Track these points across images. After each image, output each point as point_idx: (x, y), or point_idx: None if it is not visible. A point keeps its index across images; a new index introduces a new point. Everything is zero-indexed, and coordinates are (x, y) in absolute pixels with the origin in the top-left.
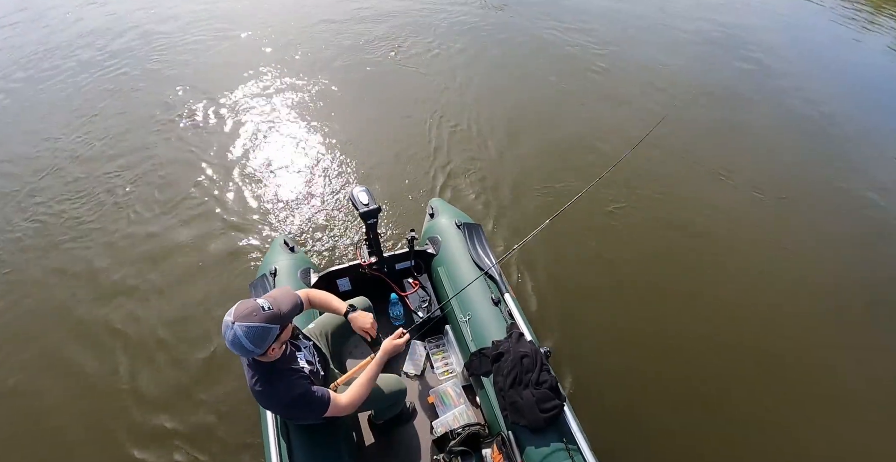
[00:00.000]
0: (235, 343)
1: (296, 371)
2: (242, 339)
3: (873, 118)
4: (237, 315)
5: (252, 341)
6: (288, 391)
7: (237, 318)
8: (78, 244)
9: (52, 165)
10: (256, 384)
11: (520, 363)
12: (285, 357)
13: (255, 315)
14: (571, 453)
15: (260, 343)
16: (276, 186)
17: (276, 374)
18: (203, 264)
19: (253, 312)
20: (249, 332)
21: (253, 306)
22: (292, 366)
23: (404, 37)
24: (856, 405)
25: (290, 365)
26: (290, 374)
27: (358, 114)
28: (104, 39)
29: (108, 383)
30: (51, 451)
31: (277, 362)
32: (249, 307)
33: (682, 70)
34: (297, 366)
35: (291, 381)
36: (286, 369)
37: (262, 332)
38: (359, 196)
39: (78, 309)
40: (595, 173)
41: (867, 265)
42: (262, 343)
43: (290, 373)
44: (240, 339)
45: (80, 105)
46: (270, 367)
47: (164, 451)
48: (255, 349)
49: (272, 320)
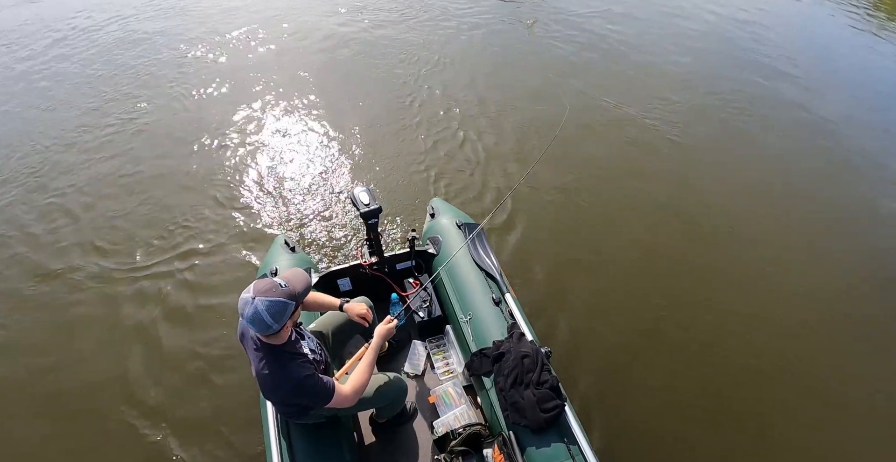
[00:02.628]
0: (256, 318)
1: (302, 355)
2: (264, 313)
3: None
4: (257, 291)
5: (273, 316)
6: (296, 373)
7: (257, 293)
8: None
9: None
10: (264, 367)
11: (521, 363)
12: (291, 341)
13: (275, 290)
14: (572, 453)
15: (279, 318)
16: (277, 186)
17: (284, 357)
18: (203, 263)
19: (272, 288)
20: (271, 307)
21: (271, 283)
22: (299, 351)
23: (415, 41)
24: (853, 403)
25: (296, 349)
26: (298, 358)
27: (358, 113)
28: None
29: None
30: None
31: (285, 346)
32: (268, 283)
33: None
34: (303, 351)
35: (299, 365)
36: (294, 353)
37: (281, 307)
38: (359, 196)
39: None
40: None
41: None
42: (280, 318)
43: (298, 357)
44: (260, 314)
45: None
46: (279, 350)
47: (164, 450)
48: (274, 324)
49: (290, 296)
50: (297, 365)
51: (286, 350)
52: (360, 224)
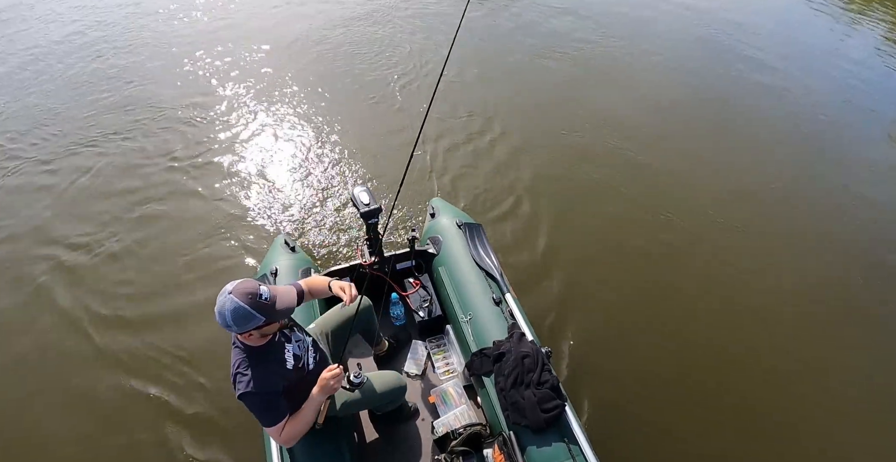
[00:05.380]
0: (220, 312)
1: (278, 363)
2: (227, 312)
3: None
4: (236, 289)
5: (234, 319)
6: (254, 382)
7: (235, 291)
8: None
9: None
10: (234, 363)
11: (521, 363)
12: (272, 347)
13: (251, 298)
14: (573, 453)
15: (240, 323)
16: (277, 186)
17: (254, 360)
18: (202, 264)
19: (250, 294)
20: (236, 311)
21: (253, 289)
22: (276, 358)
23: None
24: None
25: (274, 357)
26: (271, 365)
27: (358, 113)
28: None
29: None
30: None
31: (260, 349)
32: (250, 288)
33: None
34: (282, 358)
35: (267, 377)
36: (269, 361)
37: (246, 315)
38: (360, 196)
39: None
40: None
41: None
42: (241, 324)
43: (271, 365)
44: (225, 311)
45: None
46: (252, 351)
47: (164, 449)
48: (233, 327)
49: (261, 310)
50: (260, 373)
51: (261, 354)
52: (360, 223)
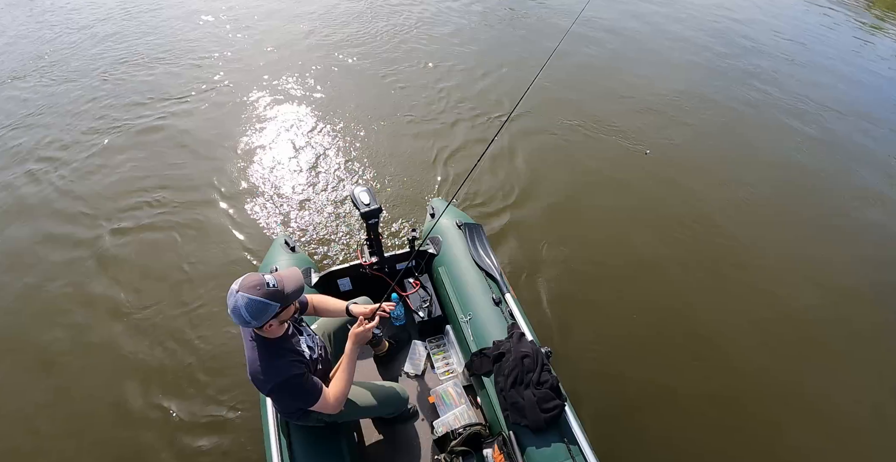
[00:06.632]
0: (235, 312)
1: (296, 353)
2: (242, 309)
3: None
4: (242, 285)
5: (251, 313)
6: (284, 370)
7: (242, 288)
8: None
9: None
10: (255, 359)
11: (521, 363)
12: (287, 337)
13: (259, 289)
14: (572, 453)
15: (258, 316)
16: (277, 186)
17: (275, 352)
18: (203, 264)
19: (257, 286)
20: (250, 305)
21: (258, 280)
22: (294, 347)
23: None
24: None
25: (291, 346)
26: (291, 355)
27: (359, 113)
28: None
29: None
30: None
31: (279, 340)
32: (255, 280)
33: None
34: (299, 348)
35: (290, 362)
36: (287, 349)
37: (261, 307)
38: (360, 196)
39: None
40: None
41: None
42: (259, 317)
43: (291, 354)
44: (240, 309)
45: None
46: (272, 343)
47: (163, 449)
48: (252, 321)
49: (274, 297)
50: (286, 362)
51: (279, 345)
52: (360, 223)
